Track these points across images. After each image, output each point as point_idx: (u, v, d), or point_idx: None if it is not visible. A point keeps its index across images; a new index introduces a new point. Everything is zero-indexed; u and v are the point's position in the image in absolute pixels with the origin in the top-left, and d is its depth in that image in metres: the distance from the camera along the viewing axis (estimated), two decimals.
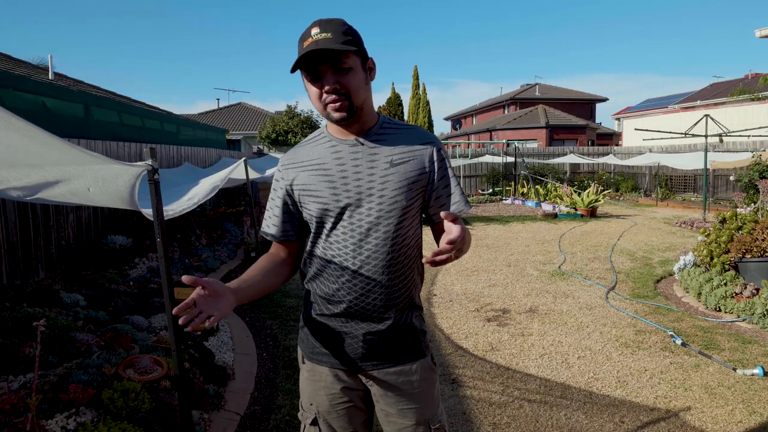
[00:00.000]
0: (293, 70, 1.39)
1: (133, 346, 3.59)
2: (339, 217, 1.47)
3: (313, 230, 1.54)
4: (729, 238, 5.93)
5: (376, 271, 1.46)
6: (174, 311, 1.19)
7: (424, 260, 1.21)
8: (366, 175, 1.46)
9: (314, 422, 1.59)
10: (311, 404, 1.60)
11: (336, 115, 1.40)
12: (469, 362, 4.10)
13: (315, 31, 1.36)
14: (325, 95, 1.39)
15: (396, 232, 1.46)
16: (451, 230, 1.20)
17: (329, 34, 1.35)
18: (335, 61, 1.36)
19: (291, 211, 1.57)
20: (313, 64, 1.37)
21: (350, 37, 1.38)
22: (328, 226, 1.49)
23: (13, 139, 1.87)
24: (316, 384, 1.58)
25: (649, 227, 11.36)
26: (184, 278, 1.19)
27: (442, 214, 1.21)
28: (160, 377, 3.12)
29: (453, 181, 1.53)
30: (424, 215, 1.57)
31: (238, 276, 1.50)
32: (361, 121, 1.46)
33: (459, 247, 1.19)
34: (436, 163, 1.50)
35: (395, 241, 1.47)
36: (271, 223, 1.59)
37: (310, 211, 1.51)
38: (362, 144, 1.48)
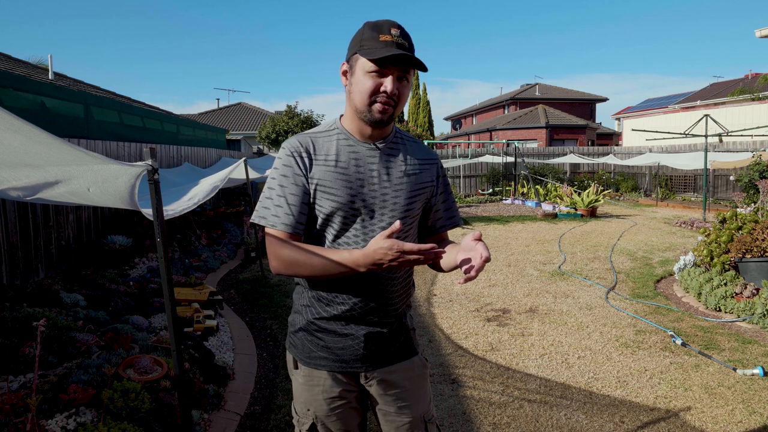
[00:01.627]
0: (378, 59, 1.35)
1: (133, 346, 3.59)
2: (351, 220, 1.46)
3: (317, 229, 1.47)
4: (729, 238, 5.93)
5: (384, 275, 1.48)
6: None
7: (460, 281, 1.26)
8: (383, 181, 1.48)
9: (312, 428, 1.58)
10: (308, 410, 1.58)
11: (378, 116, 1.42)
12: (469, 362, 4.10)
13: (395, 32, 1.38)
14: (382, 95, 1.39)
15: (405, 239, 1.51)
16: (476, 248, 1.27)
17: (407, 44, 1.39)
18: (404, 70, 1.40)
19: (308, 201, 1.45)
20: (388, 62, 1.37)
21: None
22: (336, 227, 1.46)
23: (13, 139, 1.86)
24: (313, 389, 1.57)
25: (649, 227, 11.36)
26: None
27: (474, 234, 1.29)
28: (160, 377, 3.12)
29: (450, 197, 1.66)
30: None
31: (239, 276, 1.51)
32: (384, 129, 1.50)
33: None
34: (440, 179, 1.62)
35: None
36: (282, 212, 1.42)
37: (321, 208, 1.45)
38: (379, 149, 1.50)
